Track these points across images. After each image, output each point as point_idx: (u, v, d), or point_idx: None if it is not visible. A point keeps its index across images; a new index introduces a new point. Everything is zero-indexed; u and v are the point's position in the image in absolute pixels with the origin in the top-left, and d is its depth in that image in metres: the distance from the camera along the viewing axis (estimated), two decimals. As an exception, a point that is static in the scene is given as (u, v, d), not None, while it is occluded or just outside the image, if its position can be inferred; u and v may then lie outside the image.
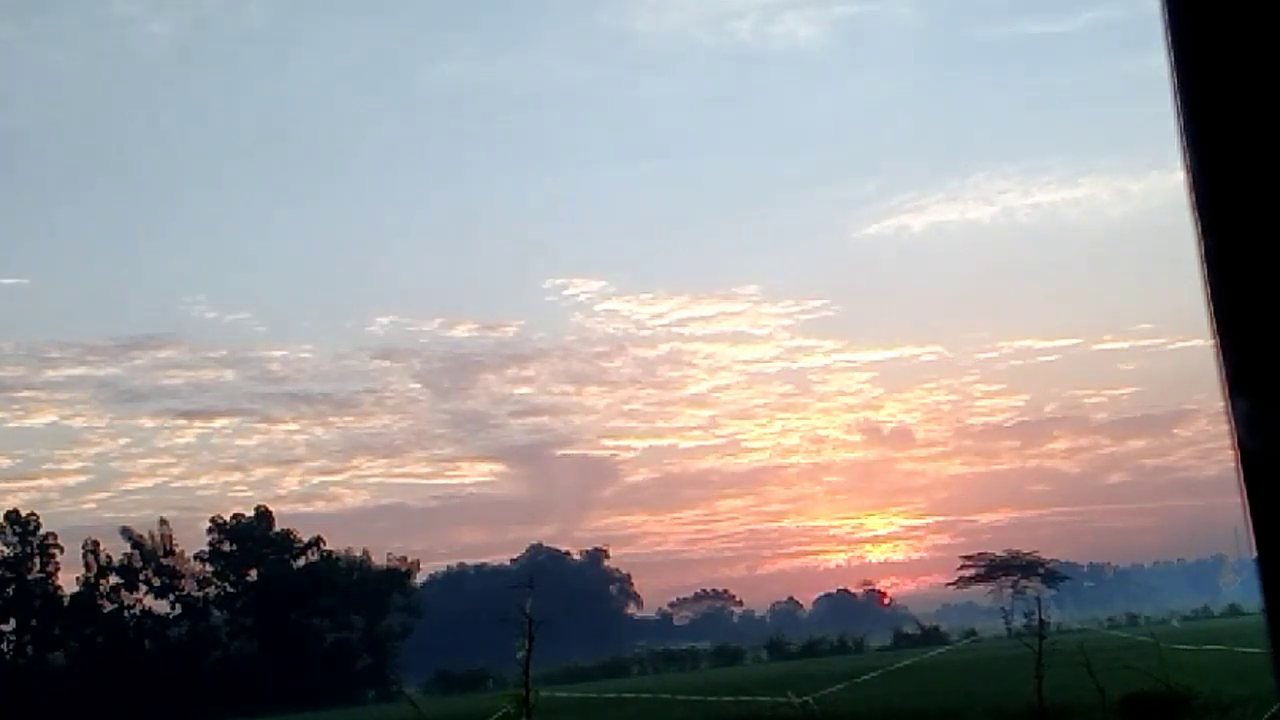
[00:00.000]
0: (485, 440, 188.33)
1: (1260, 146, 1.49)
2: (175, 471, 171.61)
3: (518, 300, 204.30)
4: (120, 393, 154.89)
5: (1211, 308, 1.50)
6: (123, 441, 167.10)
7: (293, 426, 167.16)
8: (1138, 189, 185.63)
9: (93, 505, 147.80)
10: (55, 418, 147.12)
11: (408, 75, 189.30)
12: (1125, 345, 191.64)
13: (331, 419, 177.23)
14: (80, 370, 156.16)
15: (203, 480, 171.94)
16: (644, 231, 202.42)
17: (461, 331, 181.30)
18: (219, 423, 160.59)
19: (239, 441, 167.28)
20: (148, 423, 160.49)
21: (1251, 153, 1.49)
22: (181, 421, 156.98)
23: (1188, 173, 1.54)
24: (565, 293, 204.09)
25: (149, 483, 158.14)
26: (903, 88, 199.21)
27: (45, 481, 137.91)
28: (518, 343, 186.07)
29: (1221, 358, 1.50)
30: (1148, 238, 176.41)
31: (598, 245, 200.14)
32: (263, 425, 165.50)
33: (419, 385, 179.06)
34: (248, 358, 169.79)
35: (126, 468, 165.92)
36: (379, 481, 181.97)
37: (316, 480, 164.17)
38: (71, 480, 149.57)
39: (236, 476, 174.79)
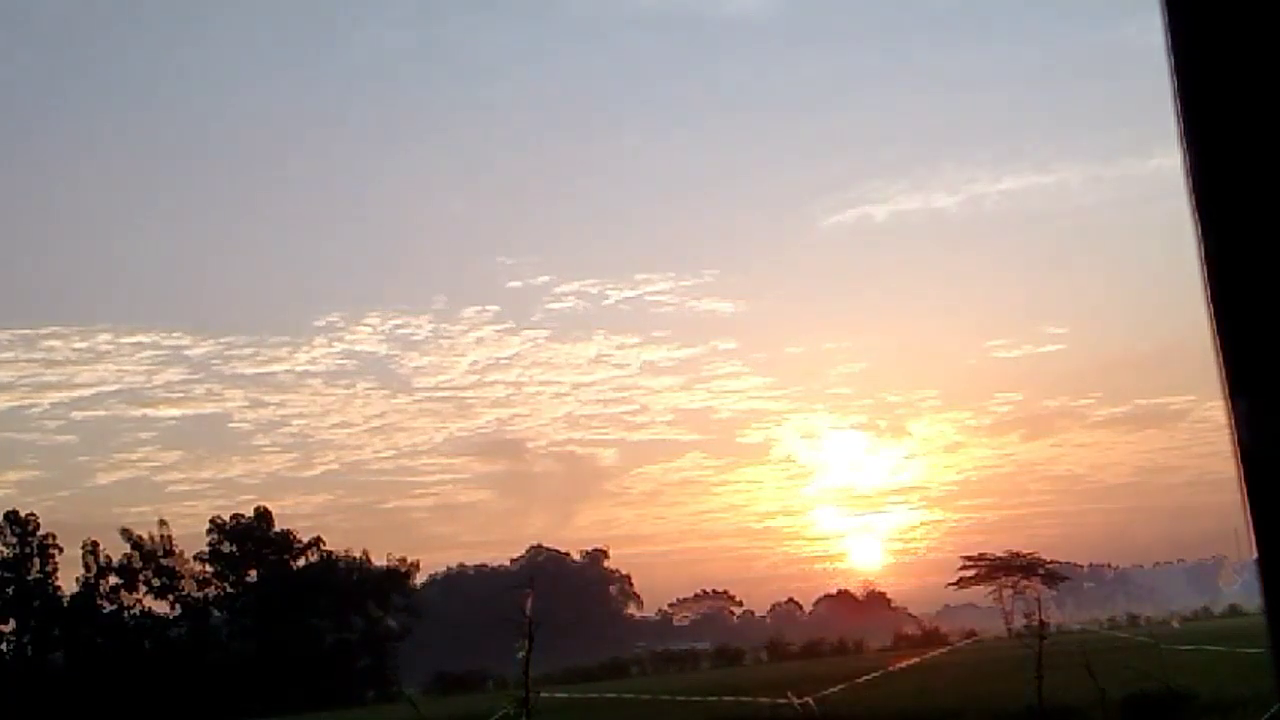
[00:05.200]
0: (459, 436, 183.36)
1: (1260, 146, 1.49)
2: (145, 467, 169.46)
3: (478, 288, 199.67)
4: (80, 382, 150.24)
5: (1211, 308, 1.51)
6: (82, 434, 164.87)
7: (257, 415, 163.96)
8: (1111, 175, 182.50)
9: (52, 502, 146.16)
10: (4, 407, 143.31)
11: (334, 41, 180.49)
12: (1116, 340, 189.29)
13: (290, 412, 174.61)
14: (36, 356, 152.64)
15: (174, 475, 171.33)
16: (597, 215, 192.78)
17: (412, 320, 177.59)
18: (187, 413, 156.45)
19: (209, 436, 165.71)
20: (104, 414, 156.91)
21: (1251, 152, 1.49)
22: (147, 412, 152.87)
23: (1188, 174, 1.55)
24: (524, 277, 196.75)
25: (112, 479, 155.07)
26: (866, 61, 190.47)
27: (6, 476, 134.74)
28: (475, 332, 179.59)
29: (1221, 358, 1.50)
30: (1127, 227, 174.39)
31: (551, 229, 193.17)
32: (239, 420, 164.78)
33: (382, 379, 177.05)
34: (215, 349, 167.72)
35: (96, 463, 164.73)
36: (350, 478, 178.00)
37: (288, 476, 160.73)
38: (27, 475, 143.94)
39: (208, 472, 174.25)
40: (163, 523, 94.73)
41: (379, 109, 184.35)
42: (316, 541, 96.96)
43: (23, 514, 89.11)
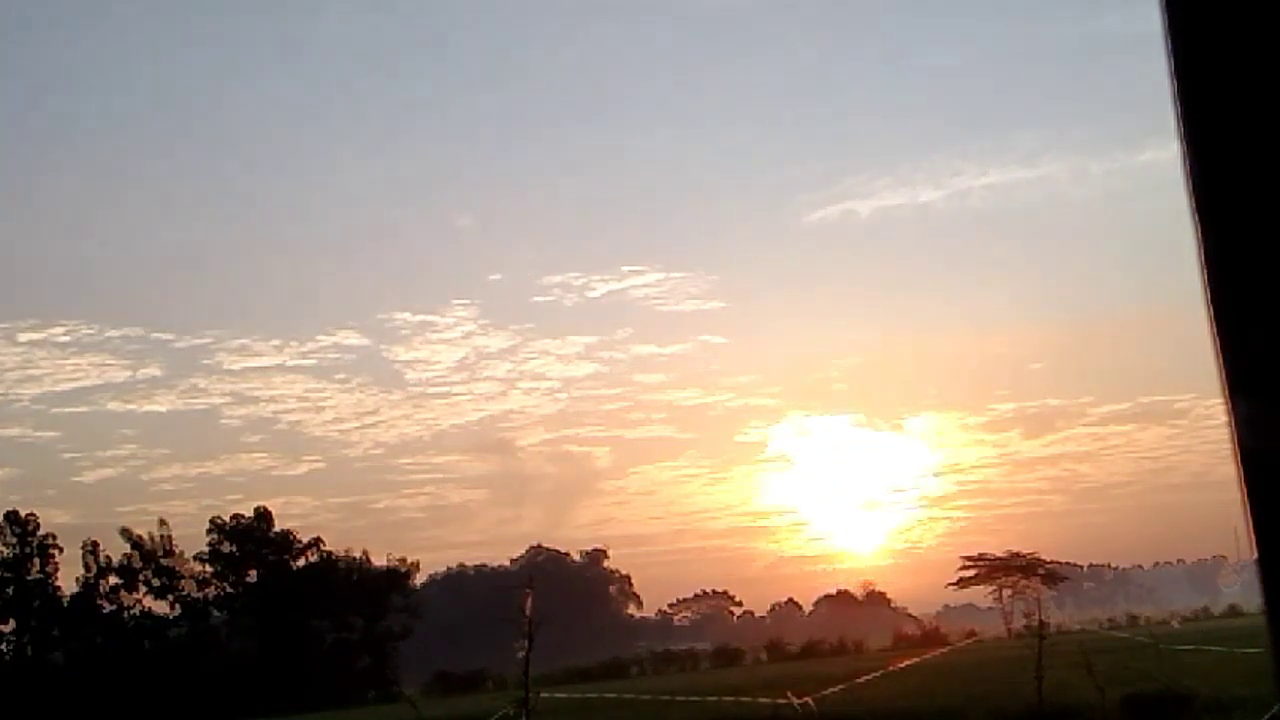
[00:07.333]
0: (450, 433, 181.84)
1: (1260, 146, 1.49)
2: (130, 465, 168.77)
3: (466, 282, 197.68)
4: (62, 377, 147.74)
5: (1211, 308, 1.50)
6: (65, 430, 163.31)
7: (246, 412, 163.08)
8: (1099, 169, 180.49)
9: (38, 500, 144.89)
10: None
11: (319, 36, 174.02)
12: (1115, 337, 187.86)
13: (279, 409, 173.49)
14: (15, 351, 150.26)
15: (160, 473, 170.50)
16: (571, 209, 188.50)
17: (397, 314, 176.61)
18: (173, 409, 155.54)
19: (195, 432, 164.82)
20: (86, 410, 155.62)
21: (1252, 151, 1.49)
22: (131, 408, 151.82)
23: (1187, 174, 1.55)
24: (510, 270, 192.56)
25: (96, 476, 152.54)
26: (850, 54, 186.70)
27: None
28: (463, 326, 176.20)
29: (1221, 358, 1.50)
30: (1116, 221, 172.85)
31: (539, 222, 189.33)
32: (227, 416, 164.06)
33: (371, 375, 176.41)
34: (200, 344, 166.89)
35: (79, 460, 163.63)
36: (341, 476, 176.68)
37: (275, 475, 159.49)
38: (12, 473, 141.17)
39: (194, 469, 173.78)
40: (162, 522, 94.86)
41: (364, 103, 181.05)
42: (316, 542, 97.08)
43: (23, 514, 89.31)
